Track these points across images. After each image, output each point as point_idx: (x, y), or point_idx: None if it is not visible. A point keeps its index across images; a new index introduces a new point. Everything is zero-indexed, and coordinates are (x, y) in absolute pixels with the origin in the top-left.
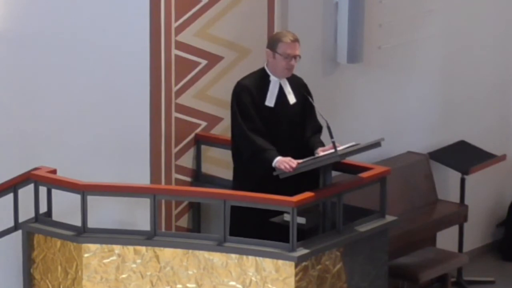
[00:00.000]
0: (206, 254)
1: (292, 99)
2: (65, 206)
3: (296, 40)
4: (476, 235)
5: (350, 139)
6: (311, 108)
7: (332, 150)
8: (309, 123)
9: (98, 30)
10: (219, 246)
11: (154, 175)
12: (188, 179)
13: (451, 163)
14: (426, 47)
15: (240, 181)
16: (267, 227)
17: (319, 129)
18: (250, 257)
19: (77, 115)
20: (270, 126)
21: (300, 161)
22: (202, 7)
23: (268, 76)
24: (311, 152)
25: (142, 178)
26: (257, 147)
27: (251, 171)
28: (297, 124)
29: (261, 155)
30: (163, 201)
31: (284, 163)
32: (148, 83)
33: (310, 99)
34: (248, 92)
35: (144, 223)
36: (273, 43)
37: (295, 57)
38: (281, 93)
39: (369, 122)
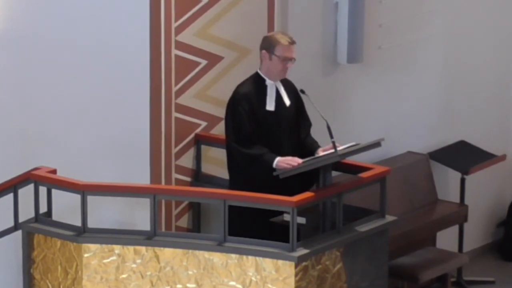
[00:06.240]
0: (206, 254)
1: (287, 101)
2: (65, 206)
3: (293, 42)
4: (476, 235)
5: (350, 139)
6: (303, 108)
7: (332, 150)
8: (303, 124)
9: (98, 30)
10: (219, 246)
11: (154, 175)
12: (188, 179)
13: (451, 163)
14: (426, 47)
15: (237, 184)
16: (267, 227)
17: (309, 127)
18: (250, 257)
19: (77, 115)
20: (272, 129)
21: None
22: (202, 7)
23: (263, 80)
24: (309, 153)
25: (142, 178)
26: (251, 155)
27: (250, 176)
28: (294, 126)
29: (258, 160)
30: (163, 201)
31: (285, 162)
32: (148, 83)
33: (308, 98)
34: (247, 101)
35: (144, 223)
36: (270, 44)
37: (291, 59)
38: (278, 96)
39: (369, 122)
